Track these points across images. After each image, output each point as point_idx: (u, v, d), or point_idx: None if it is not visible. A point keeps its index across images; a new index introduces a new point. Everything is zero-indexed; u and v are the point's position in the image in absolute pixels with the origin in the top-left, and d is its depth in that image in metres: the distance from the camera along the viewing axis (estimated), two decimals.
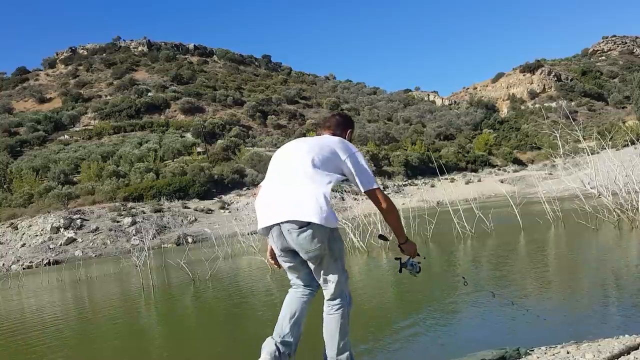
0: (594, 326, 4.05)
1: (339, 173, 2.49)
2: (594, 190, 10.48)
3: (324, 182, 2.39)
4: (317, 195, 2.34)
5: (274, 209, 2.42)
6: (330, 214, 2.36)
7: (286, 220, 2.36)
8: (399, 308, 5.85)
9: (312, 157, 2.45)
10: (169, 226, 25.82)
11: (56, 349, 5.85)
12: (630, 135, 12.78)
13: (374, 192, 2.52)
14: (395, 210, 2.60)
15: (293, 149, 2.59)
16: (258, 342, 5.12)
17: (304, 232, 2.35)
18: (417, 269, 2.90)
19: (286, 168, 2.50)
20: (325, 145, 2.53)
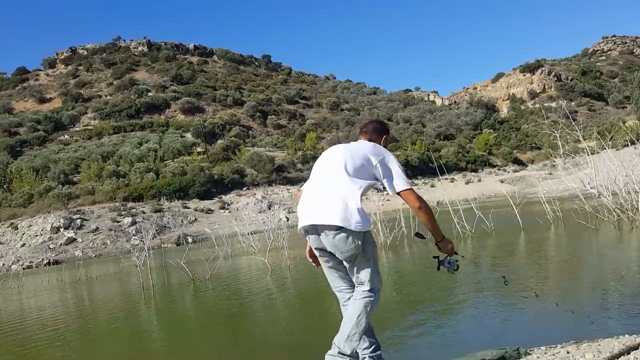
0: (594, 326, 4.05)
1: (371, 178, 2.67)
2: (594, 190, 10.49)
3: (355, 188, 2.56)
4: (348, 201, 2.52)
5: (312, 212, 2.61)
6: (362, 218, 2.52)
7: (322, 224, 2.54)
8: (399, 308, 5.85)
9: (346, 164, 2.63)
10: (169, 226, 25.82)
11: (56, 348, 5.85)
12: (630, 135, 12.78)
13: (406, 193, 2.64)
14: (428, 210, 2.68)
15: (332, 156, 2.77)
16: (258, 342, 5.13)
17: (339, 234, 2.52)
18: (455, 267, 2.95)
19: (324, 174, 2.70)
20: (359, 152, 2.70)
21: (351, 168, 2.63)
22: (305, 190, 2.80)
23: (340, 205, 2.52)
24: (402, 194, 2.64)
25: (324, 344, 4.85)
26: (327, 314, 6.11)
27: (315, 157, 31.79)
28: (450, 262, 2.93)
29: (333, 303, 6.73)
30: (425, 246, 11.44)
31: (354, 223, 2.50)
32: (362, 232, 2.54)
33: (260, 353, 4.76)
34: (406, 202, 2.67)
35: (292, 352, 4.65)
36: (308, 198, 2.70)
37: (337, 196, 2.55)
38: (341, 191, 2.56)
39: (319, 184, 2.70)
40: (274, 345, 4.96)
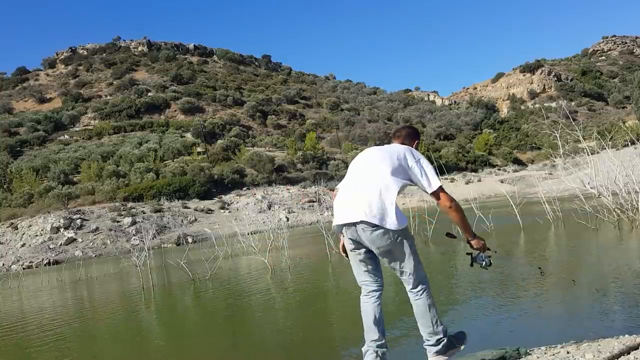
0: (594, 326, 4.05)
1: (406, 178, 2.83)
2: (594, 190, 10.49)
3: (393, 189, 2.73)
4: (385, 200, 2.69)
5: (350, 210, 2.76)
6: (398, 216, 2.69)
7: (360, 221, 2.68)
8: (399, 308, 5.85)
9: (385, 164, 2.80)
10: (169, 226, 25.81)
11: (56, 349, 5.85)
12: (630, 135, 12.78)
13: (438, 192, 2.81)
14: (460, 209, 2.84)
15: (369, 156, 2.95)
16: (258, 343, 5.13)
17: (376, 231, 2.68)
18: (488, 263, 3.05)
19: (362, 173, 2.86)
20: (395, 154, 2.86)
21: (389, 168, 2.78)
22: (341, 188, 2.96)
23: (378, 204, 2.68)
24: (434, 194, 2.81)
25: (323, 344, 4.85)
26: (327, 313, 6.11)
27: (315, 157, 31.86)
28: (483, 258, 3.04)
29: (333, 303, 6.73)
30: (425, 246, 11.44)
31: (389, 221, 2.67)
32: (398, 229, 2.69)
33: (260, 353, 4.77)
34: (438, 202, 2.83)
35: (292, 352, 4.66)
36: (346, 195, 2.86)
37: (375, 195, 2.71)
38: (379, 190, 2.72)
39: (356, 182, 2.84)
40: (274, 345, 4.97)
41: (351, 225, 2.75)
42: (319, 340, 5.08)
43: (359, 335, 4.91)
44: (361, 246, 2.82)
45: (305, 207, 29.94)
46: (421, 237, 12.31)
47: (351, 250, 2.90)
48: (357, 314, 5.92)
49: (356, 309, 6.21)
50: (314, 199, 30.26)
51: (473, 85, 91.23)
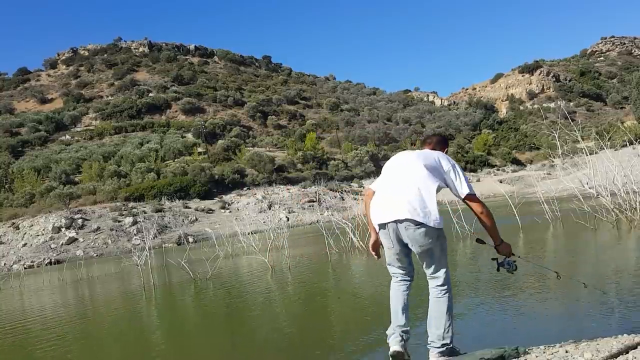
0: (592, 325, 4.09)
1: (441, 180, 2.96)
2: (592, 190, 10.53)
3: (432, 189, 2.88)
4: (429, 200, 2.84)
5: (392, 208, 2.89)
6: (439, 217, 2.85)
7: (405, 219, 2.82)
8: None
9: (424, 166, 2.94)
10: (170, 226, 25.85)
11: (57, 348, 5.89)
12: (629, 136, 12.83)
13: (471, 197, 2.97)
14: (490, 214, 2.99)
15: (405, 159, 3.09)
16: (258, 342, 5.18)
17: (420, 229, 2.82)
18: (514, 267, 3.17)
19: (400, 174, 3.00)
20: (431, 158, 3.02)
21: (426, 170, 2.93)
22: (378, 189, 3.11)
23: (421, 203, 2.83)
24: (467, 198, 2.97)
25: (323, 344, 4.90)
26: (327, 313, 6.15)
27: (315, 157, 31.89)
28: (509, 263, 3.16)
29: (333, 303, 6.78)
30: None
31: (432, 220, 2.82)
32: (439, 228, 2.85)
33: (260, 353, 4.81)
34: (469, 206, 2.99)
35: (292, 352, 4.70)
36: (385, 196, 3.00)
37: (416, 194, 2.85)
38: (419, 190, 2.86)
39: (395, 183, 2.98)
40: (274, 345, 5.01)
41: (394, 224, 2.88)
42: (318, 340, 5.12)
43: (359, 334, 4.97)
44: (399, 243, 2.95)
45: (305, 207, 29.98)
46: None
47: (389, 247, 3.03)
48: (357, 312, 5.97)
49: (357, 307, 6.27)
50: (314, 199, 30.29)
51: (472, 86, 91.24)
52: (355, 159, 42.80)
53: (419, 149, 3.32)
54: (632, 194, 9.82)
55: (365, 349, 4.45)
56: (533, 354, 3.27)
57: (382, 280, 8.17)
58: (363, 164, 42.20)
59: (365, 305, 6.28)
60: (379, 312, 5.76)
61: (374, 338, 4.72)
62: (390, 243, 2.99)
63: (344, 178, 39.59)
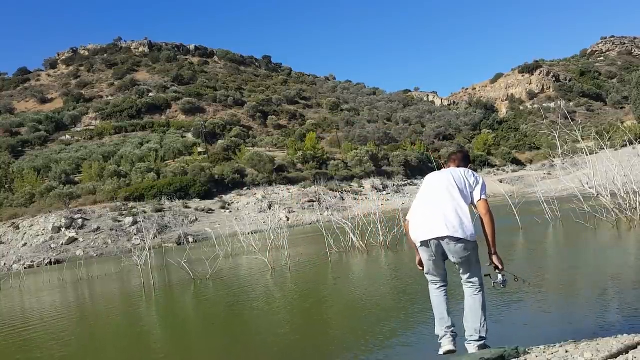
0: (592, 325, 4.10)
1: (470, 196, 3.36)
2: (592, 190, 10.53)
3: (465, 207, 3.27)
4: (463, 217, 3.23)
5: (432, 227, 3.27)
6: (474, 231, 3.23)
7: (446, 236, 3.21)
8: (398, 308, 5.90)
9: (454, 187, 3.36)
10: (170, 226, 25.85)
11: (57, 348, 5.90)
12: (629, 136, 12.83)
13: (481, 201, 3.35)
14: (493, 220, 3.31)
15: (439, 181, 3.47)
16: (258, 342, 5.18)
17: (460, 244, 3.22)
18: (501, 282, 3.41)
19: (437, 195, 3.38)
20: (461, 178, 3.43)
21: (458, 191, 3.34)
22: (416, 209, 3.47)
23: (459, 221, 3.22)
24: (479, 202, 3.34)
25: (323, 344, 4.91)
26: (327, 314, 6.16)
27: (315, 157, 31.82)
28: (497, 277, 3.39)
29: (332, 302, 6.78)
30: None
31: (469, 235, 3.21)
32: (474, 241, 3.24)
33: (260, 353, 4.81)
34: (478, 210, 3.35)
35: (292, 352, 4.70)
36: (427, 213, 3.36)
37: (453, 213, 3.25)
38: (455, 209, 3.26)
39: (432, 203, 3.36)
40: (273, 345, 5.01)
41: (435, 240, 3.27)
42: (318, 340, 5.13)
43: (359, 334, 4.97)
44: (438, 255, 3.33)
45: (305, 206, 29.98)
46: None
47: (428, 259, 3.39)
48: (357, 312, 5.97)
49: (357, 307, 6.27)
50: (314, 199, 30.30)
51: (472, 86, 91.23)
52: (355, 159, 42.79)
53: (445, 165, 3.72)
54: (632, 194, 9.82)
55: (366, 349, 4.45)
56: (533, 353, 3.27)
57: (381, 280, 8.17)
58: (363, 164, 42.18)
59: (365, 305, 6.28)
60: (379, 312, 5.76)
61: (373, 338, 4.72)
62: (431, 256, 3.36)
63: (344, 178, 39.58)
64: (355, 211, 13.79)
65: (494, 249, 3.33)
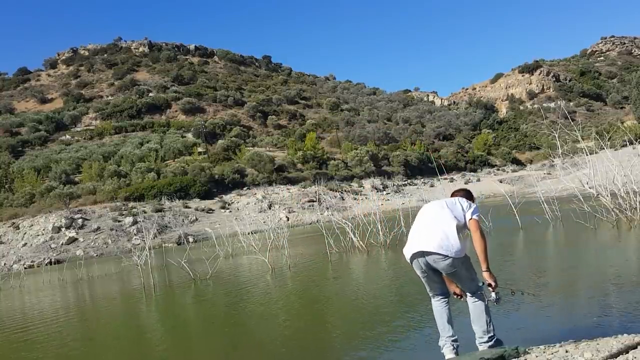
0: (592, 325, 4.10)
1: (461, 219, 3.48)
2: (592, 190, 10.53)
3: (454, 227, 3.41)
4: (451, 236, 3.38)
5: (420, 243, 3.46)
6: (461, 248, 3.37)
7: (431, 252, 3.39)
8: (399, 308, 5.90)
9: (448, 208, 3.54)
10: (170, 226, 25.85)
11: (57, 348, 5.90)
12: (629, 136, 12.84)
13: (472, 220, 3.48)
14: (484, 238, 3.44)
15: (435, 205, 3.68)
16: (258, 342, 5.18)
17: (446, 261, 3.37)
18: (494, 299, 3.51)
19: (429, 217, 3.59)
20: (456, 202, 3.63)
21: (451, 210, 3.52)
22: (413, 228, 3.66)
23: (445, 239, 3.37)
24: (469, 221, 3.48)
25: (324, 343, 4.91)
26: (327, 314, 6.16)
27: (315, 157, 31.81)
28: (490, 293, 3.48)
29: (332, 302, 6.79)
30: None
31: (454, 252, 3.34)
32: (459, 257, 3.37)
33: (260, 352, 4.82)
34: (470, 228, 3.49)
35: (292, 352, 4.71)
36: (415, 235, 3.57)
37: (441, 231, 3.41)
38: (443, 228, 3.42)
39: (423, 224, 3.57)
40: (274, 344, 5.02)
41: (422, 256, 3.44)
42: (318, 340, 5.13)
43: (359, 334, 4.97)
44: (429, 270, 3.49)
45: (305, 206, 29.98)
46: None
47: (421, 276, 3.57)
48: (357, 313, 5.97)
49: (357, 308, 6.27)
50: (314, 199, 30.29)
51: (472, 86, 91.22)
52: (355, 158, 42.77)
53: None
54: (632, 194, 9.83)
55: (366, 350, 4.45)
56: (533, 353, 3.28)
57: (381, 280, 8.17)
58: (363, 163, 42.17)
59: (365, 305, 6.28)
60: (379, 312, 5.76)
61: (373, 338, 4.72)
62: (423, 272, 3.53)
63: (344, 178, 39.57)
64: (355, 211, 13.80)
65: (484, 265, 3.40)
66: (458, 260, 3.39)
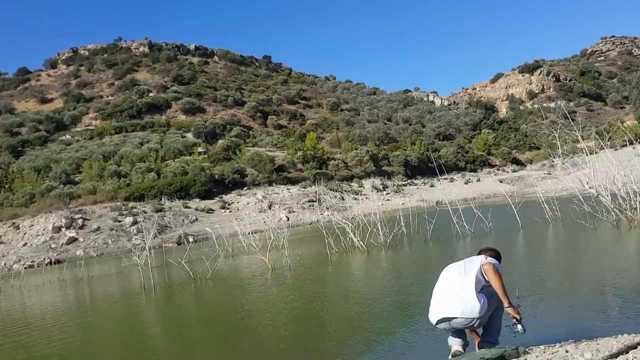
0: (592, 325, 4.10)
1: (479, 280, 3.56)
2: (592, 190, 10.53)
3: (471, 285, 3.52)
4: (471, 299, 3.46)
5: (444, 310, 3.55)
6: (481, 305, 3.44)
7: (454, 317, 3.51)
8: (399, 308, 5.90)
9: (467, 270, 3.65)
10: (170, 226, 25.84)
11: (57, 347, 5.90)
12: (629, 136, 12.84)
13: (487, 264, 3.60)
14: (500, 279, 3.55)
15: (456, 266, 3.79)
16: (258, 341, 5.18)
17: (473, 322, 3.49)
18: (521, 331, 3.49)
19: (449, 279, 3.70)
20: (471, 260, 3.78)
21: (466, 274, 3.62)
22: (434, 292, 3.76)
23: (464, 305, 3.46)
24: (485, 263, 3.61)
25: (323, 343, 4.91)
26: (327, 314, 6.16)
27: (315, 157, 31.79)
28: (516, 327, 3.48)
29: (332, 302, 6.78)
30: (424, 245, 11.49)
31: (477, 312, 3.44)
32: (482, 315, 3.47)
33: (260, 352, 4.82)
34: (484, 269, 3.59)
35: (292, 351, 4.71)
36: (439, 297, 3.68)
37: (460, 299, 3.50)
38: (462, 294, 3.51)
39: (447, 286, 3.67)
40: (273, 344, 5.02)
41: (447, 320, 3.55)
42: (318, 340, 5.13)
43: (359, 334, 4.97)
44: (454, 329, 3.62)
45: (305, 206, 29.98)
46: (421, 236, 12.37)
47: (446, 331, 3.69)
48: (358, 313, 5.97)
49: (357, 307, 6.26)
50: (314, 199, 30.28)
51: (472, 86, 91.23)
52: (355, 158, 42.75)
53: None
54: (632, 194, 9.83)
55: (366, 350, 4.45)
56: (533, 353, 3.29)
57: (381, 280, 8.17)
58: (363, 163, 42.15)
59: (365, 305, 6.28)
60: (379, 312, 5.76)
61: (373, 338, 4.73)
62: (447, 330, 3.67)
63: (344, 178, 39.55)
64: (355, 211, 13.79)
65: (506, 302, 3.50)
66: (479, 320, 3.50)
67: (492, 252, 4.01)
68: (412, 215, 13.05)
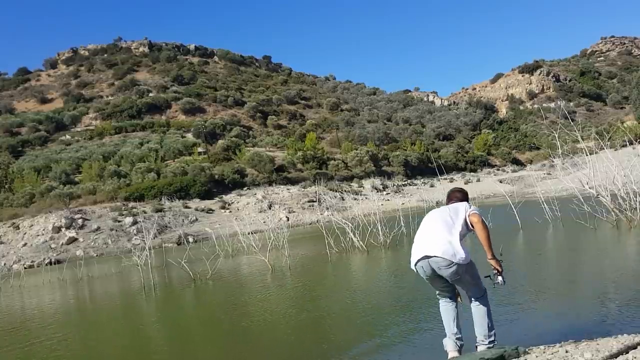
0: (592, 325, 4.10)
1: (462, 224, 3.58)
2: (592, 190, 10.54)
3: (457, 234, 3.51)
4: (455, 243, 3.47)
5: (424, 248, 3.56)
6: (465, 255, 3.45)
7: (434, 256, 3.48)
8: (400, 308, 5.90)
9: (451, 217, 3.63)
10: (170, 226, 25.83)
11: (57, 347, 5.90)
12: (629, 136, 12.84)
13: (473, 213, 3.58)
14: (486, 228, 3.55)
15: (437, 213, 3.78)
16: (258, 342, 5.19)
17: (450, 268, 3.46)
18: (501, 282, 3.63)
19: (432, 225, 3.67)
20: (455, 208, 3.73)
21: (452, 219, 3.62)
22: (417, 236, 3.74)
23: (448, 246, 3.46)
24: (470, 214, 3.58)
25: (323, 343, 4.91)
26: (327, 315, 6.16)
27: (315, 157, 31.84)
28: (497, 278, 3.60)
29: (332, 302, 6.79)
30: None
31: (459, 259, 3.43)
32: (464, 263, 3.45)
33: (260, 352, 4.82)
34: (471, 221, 3.56)
35: (292, 351, 4.71)
36: (419, 241, 3.66)
37: (445, 240, 3.50)
38: (447, 236, 3.51)
39: (430, 230, 3.65)
40: (273, 344, 5.02)
41: (425, 261, 3.52)
42: (318, 340, 5.13)
43: (359, 334, 4.98)
44: (433, 273, 3.56)
45: (305, 206, 29.98)
46: None
47: (426, 279, 3.66)
48: (358, 312, 5.97)
49: (357, 307, 6.27)
50: (314, 199, 30.28)
51: (472, 86, 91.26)
52: (355, 159, 42.75)
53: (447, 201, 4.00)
54: (632, 194, 9.83)
55: (366, 350, 4.45)
56: (533, 353, 3.29)
57: (381, 280, 8.17)
58: (363, 164, 42.15)
59: (365, 305, 6.28)
60: (379, 312, 5.76)
61: (373, 338, 4.73)
62: (427, 277, 3.62)
63: (344, 178, 39.55)
64: (355, 211, 13.80)
65: (489, 253, 3.54)
66: (462, 267, 3.47)
67: (461, 193, 4.02)
68: (412, 216, 13.05)
